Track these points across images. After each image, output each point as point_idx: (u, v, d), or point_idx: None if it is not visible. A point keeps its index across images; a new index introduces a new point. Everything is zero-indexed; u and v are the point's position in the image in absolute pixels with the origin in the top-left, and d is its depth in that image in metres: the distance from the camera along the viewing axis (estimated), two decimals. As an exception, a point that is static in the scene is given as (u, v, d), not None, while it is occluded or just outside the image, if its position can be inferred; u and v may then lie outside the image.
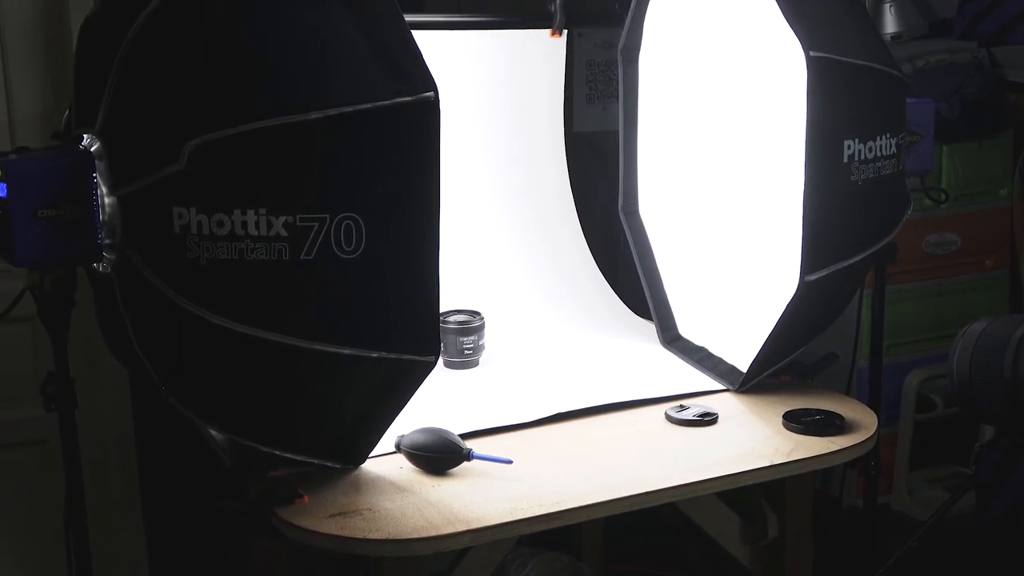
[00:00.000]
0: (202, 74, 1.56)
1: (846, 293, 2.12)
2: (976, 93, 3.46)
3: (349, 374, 1.65)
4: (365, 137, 1.56)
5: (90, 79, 1.65)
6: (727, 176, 2.24)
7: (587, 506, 1.69)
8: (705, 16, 2.23)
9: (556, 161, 2.60)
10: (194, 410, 1.71)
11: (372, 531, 1.59)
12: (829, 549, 2.52)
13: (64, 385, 1.72)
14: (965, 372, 2.46)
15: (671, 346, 2.36)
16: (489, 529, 1.62)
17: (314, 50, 1.58)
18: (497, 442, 1.89)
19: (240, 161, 1.54)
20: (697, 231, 2.33)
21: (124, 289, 1.65)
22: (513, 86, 2.52)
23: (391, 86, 1.57)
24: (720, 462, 1.82)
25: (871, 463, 2.25)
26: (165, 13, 1.57)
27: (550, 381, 2.18)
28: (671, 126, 2.36)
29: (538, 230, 2.57)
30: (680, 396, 2.09)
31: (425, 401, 1.81)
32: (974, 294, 3.58)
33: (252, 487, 1.71)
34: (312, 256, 1.55)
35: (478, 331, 2.29)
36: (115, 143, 1.61)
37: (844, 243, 1.94)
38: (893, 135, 1.96)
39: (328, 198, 1.55)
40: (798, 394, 2.09)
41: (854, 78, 1.88)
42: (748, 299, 2.17)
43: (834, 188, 1.88)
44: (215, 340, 1.59)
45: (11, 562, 2.66)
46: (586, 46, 2.60)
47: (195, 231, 1.54)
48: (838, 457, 1.89)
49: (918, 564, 2.89)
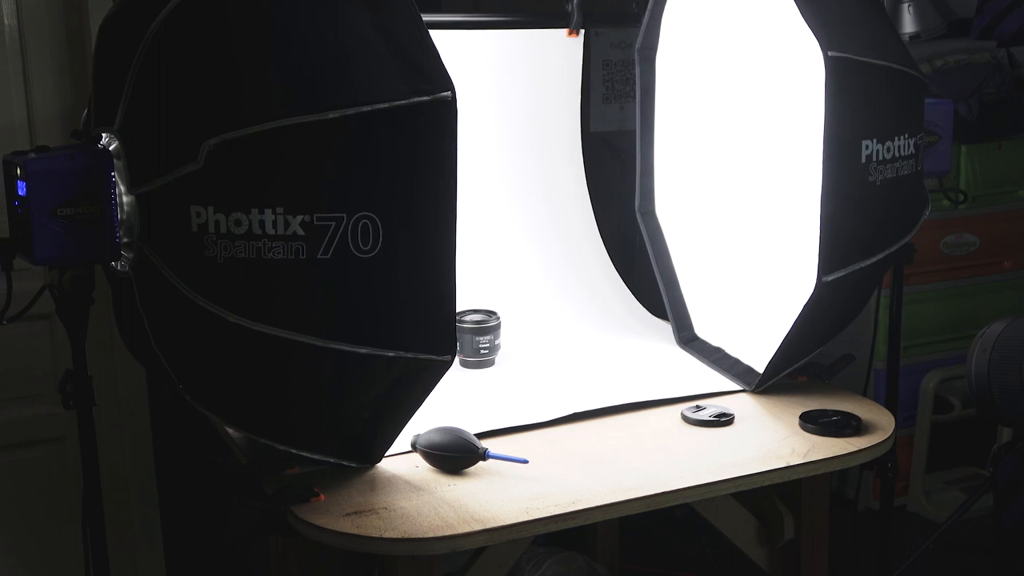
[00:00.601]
0: (220, 74, 1.56)
1: (863, 294, 2.12)
2: (995, 93, 3.44)
3: (365, 373, 1.66)
4: (382, 137, 1.56)
5: (109, 78, 1.66)
6: (744, 176, 2.23)
7: (603, 506, 1.69)
8: (722, 16, 2.23)
9: (573, 161, 2.60)
10: (211, 408, 1.72)
11: (388, 530, 1.59)
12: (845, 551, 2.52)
13: (82, 383, 1.73)
14: (983, 373, 2.45)
15: (687, 346, 2.35)
16: (505, 529, 1.62)
17: (332, 50, 1.58)
18: (513, 442, 1.89)
19: (257, 160, 1.54)
20: (714, 231, 2.33)
21: (142, 287, 1.65)
22: (530, 86, 2.52)
23: (408, 86, 1.58)
24: (736, 463, 1.82)
25: (888, 464, 2.24)
26: (183, 13, 1.58)
27: (566, 381, 2.18)
28: (688, 126, 2.36)
29: (554, 230, 2.57)
30: (696, 396, 2.09)
31: (441, 400, 1.81)
32: (992, 295, 3.56)
33: (268, 485, 1.72)
34: (329, 255, 1.55)
35: (494, 331, 2.29)
36: (133, 142, 1.61)
37: (861, 244, 1.94)
38: (911, 135, 1.95)
39: (345, 197, 1.55)
40: (815, 395, 2.08)
41: (872, 78, 1.87)
42: (765, 300, 2.17)
43: (852, 189, 1.87)
44: (232, 338, 1.60)
45: (30, 558, 2.67)
46: (603, 46, 2.60)
47: (213, 230, 1.54)
48: (855, 458, 1.89)
49: (935, 566, 2.88)
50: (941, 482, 3.55)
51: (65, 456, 2.63)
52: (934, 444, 3.49)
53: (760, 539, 2.05)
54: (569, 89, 2.57)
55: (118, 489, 2.66)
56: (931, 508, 3.42)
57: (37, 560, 2.68)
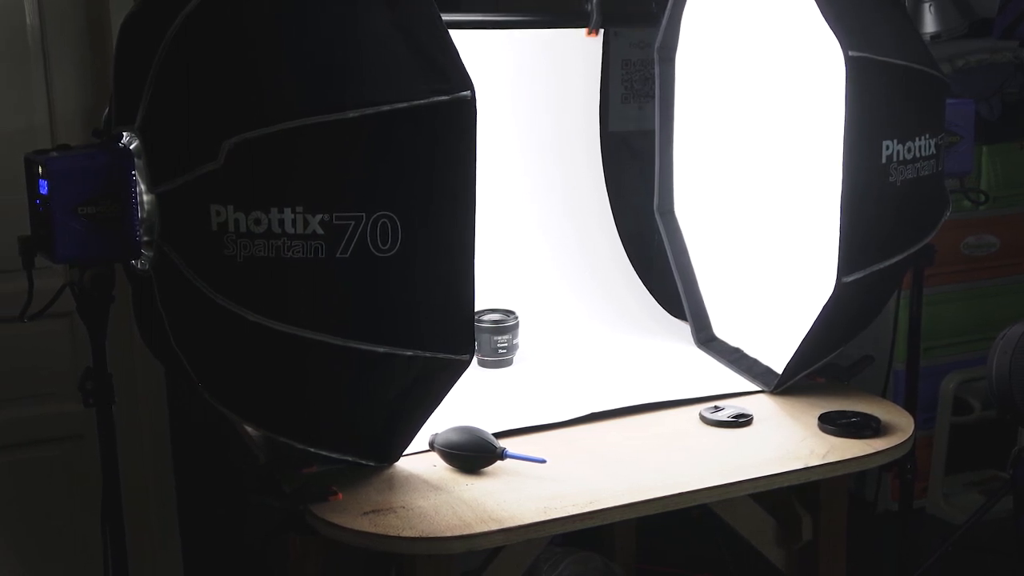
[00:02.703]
0: (240, 73, 1.57)
1: (883, 295, 2.11)
2: (1017, 93, 3.43)
3: (384, 372, 1.66)
4: (402, 136, 1.56)
5: (130, 77, 1.66)
6: (763, 176, 2.22)
7: (620, 506, 1.69)
8: (742, 15, 2.22)
9: (591, 160, 2.60)
10: (230, 407, 1.72)
11: (405, 529, 1.60)
12: (863, 553, 2.51)
13: (102, 380, 1.74)
14: (1004, 375, 2.44)
15: (706, 347, 2.35)
16: (522, 528, 1.62)
17: (351, 49, 1.58)
18: (531, 441, 1.89)
19: (277, 160, 1.54)
20: (733, 231, 2.32)
21: (162, 286, 1.66)
22: (549, 85, 2.51)
23: (428, 85, 1.58)
24: (755, 464, 1.81)
25: (907, 466, 2.24)
26: (204, 13, 1.58)
27: (584, 381, 2.18)
28: (707, 125, 2.35)
29: (573, 229, 2.57)
30: (715, 397, 2.08)
31: (459, 400, 1.81)
32: (1013, 296, 3.54)
33: (287, 484, 1.72)
34: (348, 254, 1.55)
35: (512, 330, 2.29)
36: (154, 141, 1.62)
37: (882, 245, 1.93)
38: (932, 136, 1.94)
39: (364, 197, 1.55)
40: (834, 396, 2.07)
41: (893, 78, 1.87)
42: (784, 300, 2.16)
43: (872, 189, 1.87)
44: (251, 337, 1.60)
45: (49, 555, 2.69)
46: (622, 45, 2.60)
47: (233, 229, 1.54)
48: (874, 460, 1.88)
49: (953, 569, 2.86)
50: (960, 484, 3.53)
51: (84, 454, 2.64)
52: (953, 446, 3.47)
53: (778, 540, 2.05)
54: (588, 89, 2.57)
55: (136, 487, 2.67)
56: (950, 510, 3.41)
57: (56, 557, 2.69)
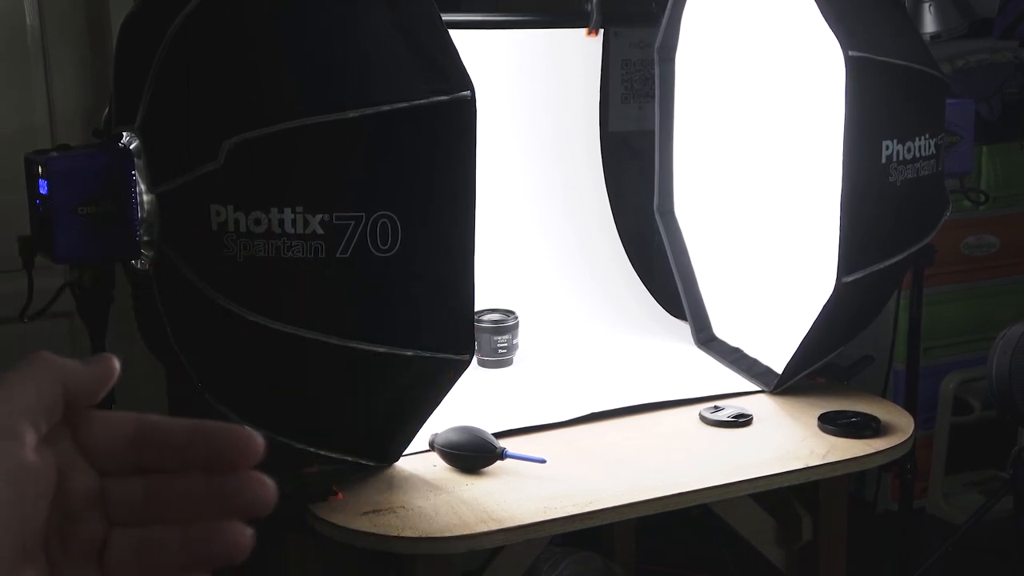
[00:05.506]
0: (240, 73, 1.57)
1: (883, 295, 2.11)
2: (1017, 93, 3.43)
3: (383, 372, 1.66)
4: (402, 136, 1.56)
5: (130, 77, 1.66)
6: (763, 176, 2.23)
7: (620, 506, 1.69)
8: (742, 15, 2.22)
9: (591, 160, 2.60)
10: (229, 406, 1.72)
11: (405, 529, 1.60)
12: (863, 552, 2.51)
13: (102, 380, 1.74)
14: (1004, 375, 2.44)
15: (705, 347, 2.35)
16: (522, 528, 1.62)
17: (351, 49, 1.58)
18: (531, 441, 1.89)
19: (277, 159, 1.54)
20: (733, 231, 2.32)
21: (162, 286, 1.66)
22: (548, 85, 2.51)
23: (428, 85, 1.58)
24: (754, 464, 1.81)
25: (907, 466, 2.24)
26: (204, 12, 1.58)
27: (584, 381, 2.18)
28: (707, 125, 2.35)
29: (573, 229, 2.57)
30: (714, 397, 2.08)
31: (459, 400, 1.81)
32: (1013, 296, 3.54)
33: (287, 484, 1.72)
34: (348, 254, 1.55)
35: (512, 330, 2.29)
36: (154, 141, 1.62)
37: (881, 245, 1.93)
38: (932, 136, 1.94)
39: (364, 197, 1.55)
40: (834, 396, 2.07)
41: (893, 78, 1.87)
42: (784, 300, 2.16)
43: (872, 189, 1.87)
44: (251, 337, 1.60)
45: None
46: (622, 45, 2.60)
47: (233, 229, 1.54)
48: (874, 460, 1.88)
49: (953, 568, 2.86)
50: (960, 484, 3.53)
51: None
52: (953, 446, 3.47)
53: (778, 540, 2.05)
54: (588, 89, 2.56)
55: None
56: (950, 510, 3.41)
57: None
